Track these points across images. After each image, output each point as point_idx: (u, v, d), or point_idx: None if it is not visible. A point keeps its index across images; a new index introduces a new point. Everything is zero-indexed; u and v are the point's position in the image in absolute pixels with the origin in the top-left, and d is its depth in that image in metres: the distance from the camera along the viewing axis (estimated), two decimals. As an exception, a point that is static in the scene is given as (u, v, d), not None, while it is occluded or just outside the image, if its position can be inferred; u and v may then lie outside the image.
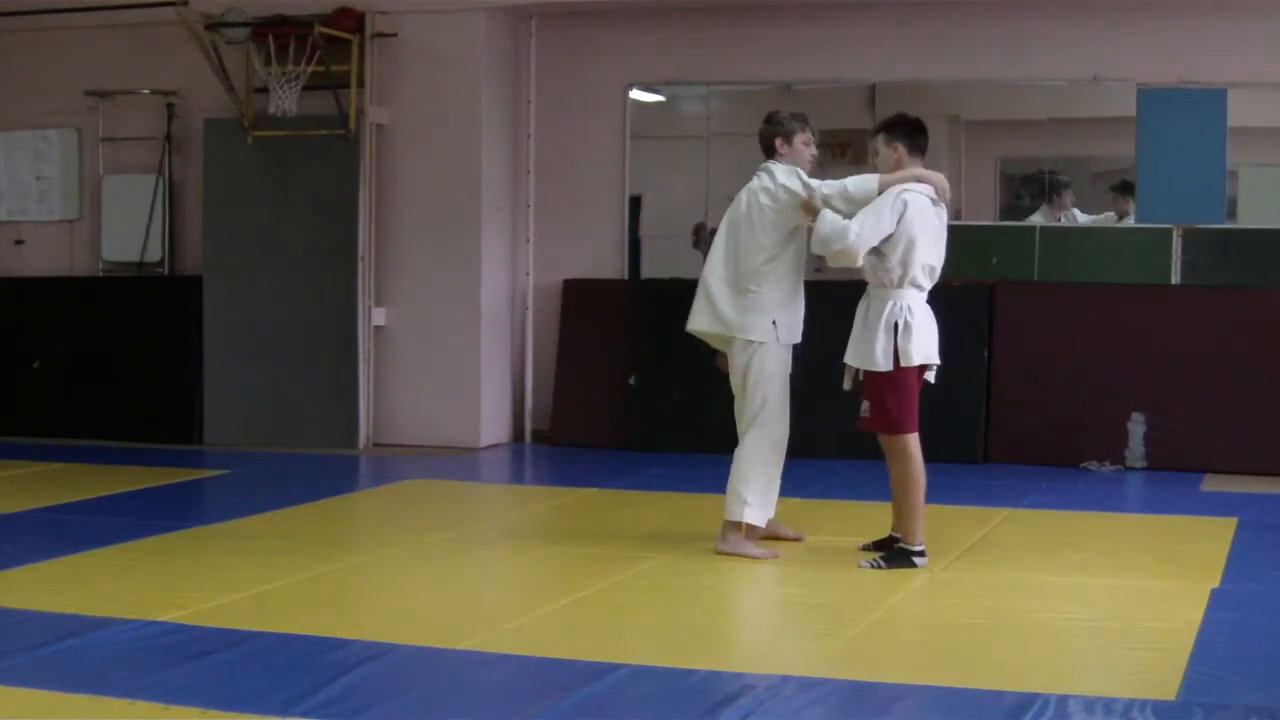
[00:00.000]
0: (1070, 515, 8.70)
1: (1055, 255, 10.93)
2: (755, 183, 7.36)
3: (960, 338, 10.65)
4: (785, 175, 7.26)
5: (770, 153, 7.40)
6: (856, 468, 9.91)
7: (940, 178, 7.21)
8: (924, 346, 7.06)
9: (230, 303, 11.54)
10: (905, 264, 7.02)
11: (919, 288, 7.11)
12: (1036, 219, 11.07)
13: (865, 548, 7.38)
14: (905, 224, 7.00)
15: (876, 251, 7.03)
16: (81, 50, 12.17)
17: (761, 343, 7.28)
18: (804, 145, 7.39)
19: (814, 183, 7.21)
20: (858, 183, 7.15)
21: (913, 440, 7.15)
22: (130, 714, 4.81)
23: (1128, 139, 10.75)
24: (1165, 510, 9.00)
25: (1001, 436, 10.58)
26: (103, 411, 11.81)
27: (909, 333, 7.00)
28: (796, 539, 7.63)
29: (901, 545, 7.11)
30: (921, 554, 7.08)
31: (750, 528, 7.32)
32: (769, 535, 7.54)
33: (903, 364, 7.01)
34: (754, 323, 7.29)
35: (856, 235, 6.93)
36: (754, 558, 7.24)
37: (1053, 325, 10.61)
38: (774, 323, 7.26)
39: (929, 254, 7.08)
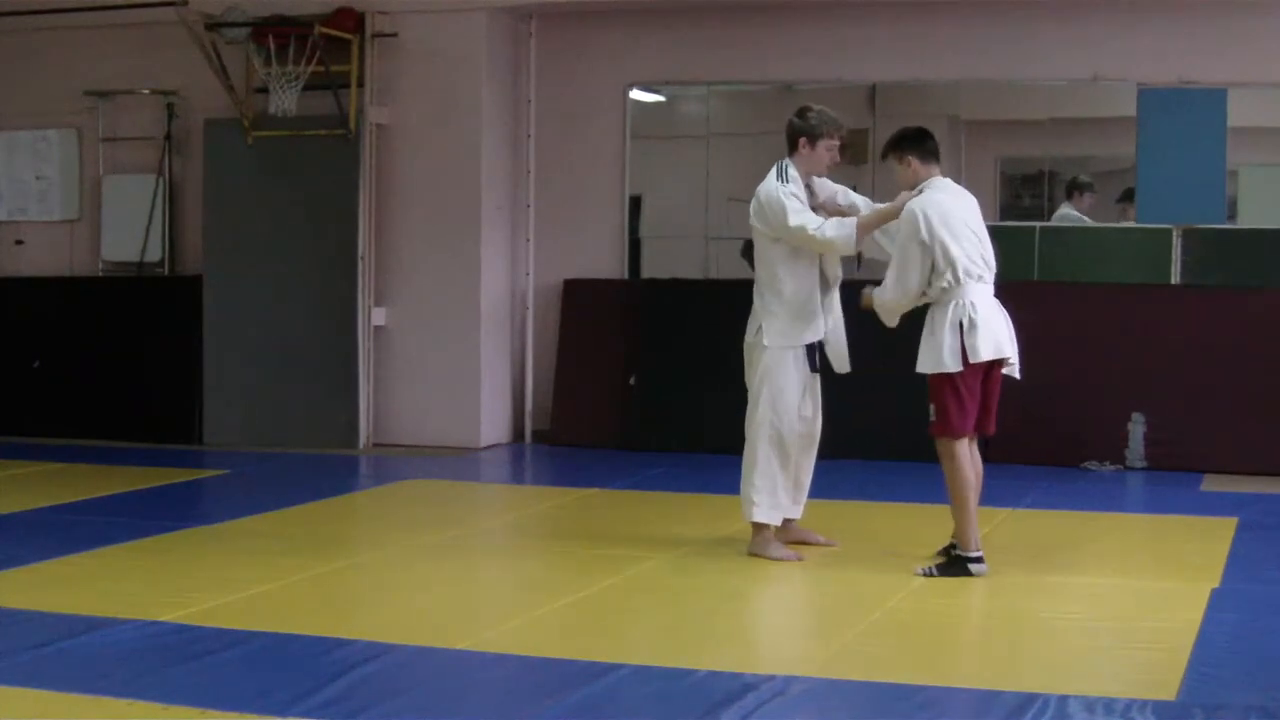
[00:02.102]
0: (1070, 515, 8.70)
1: (1055, 255, 10.93)
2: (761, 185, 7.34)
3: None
4: (769, 194, 7.22)
5: (793, 148, 7.36)
6: (860, 468, 9.94)
7: (899, 201, 7.19)
8: (992, 340, 6.95)
9: (230, 303, 11.54)
10: (950, 263, 6.94)
11: (979, 279, 7.03)
12: (1067, 210, 11.05)
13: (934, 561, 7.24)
14: (932, 233, 6.95)
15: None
16: (81, 50, 12.18)
17: (749, 342, 7.36)
18: (825, 151, 7.33)
19: (794, 215, 7.14)
20: (835, 227, 7.14)
21: (960, 446, 7.04)
22: (130, 714, 4.81)
23: (1128, 139, 10.75)
24: (1165, 510, 9.00)
25: (1001, 436, 10.54)
26: (103, 411, 11.81)
27: (974, 329, 6.90)
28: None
29: (958, 553, 6.98)
30: (979, 560, 6.93)
31: (769, 527, 7.34)
32: (798, 540, 7.54)
33: (971, 360, 6.89)
34: (751, 323, 7.40)
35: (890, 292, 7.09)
36: (776, 559, 7.25)
37: (1053, 325, 10.59)
38: (760, 328, 7.32)
39: (968, 246, 7.02)
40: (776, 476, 7.30)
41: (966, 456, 7.05)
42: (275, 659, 5.45)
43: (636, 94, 11.75)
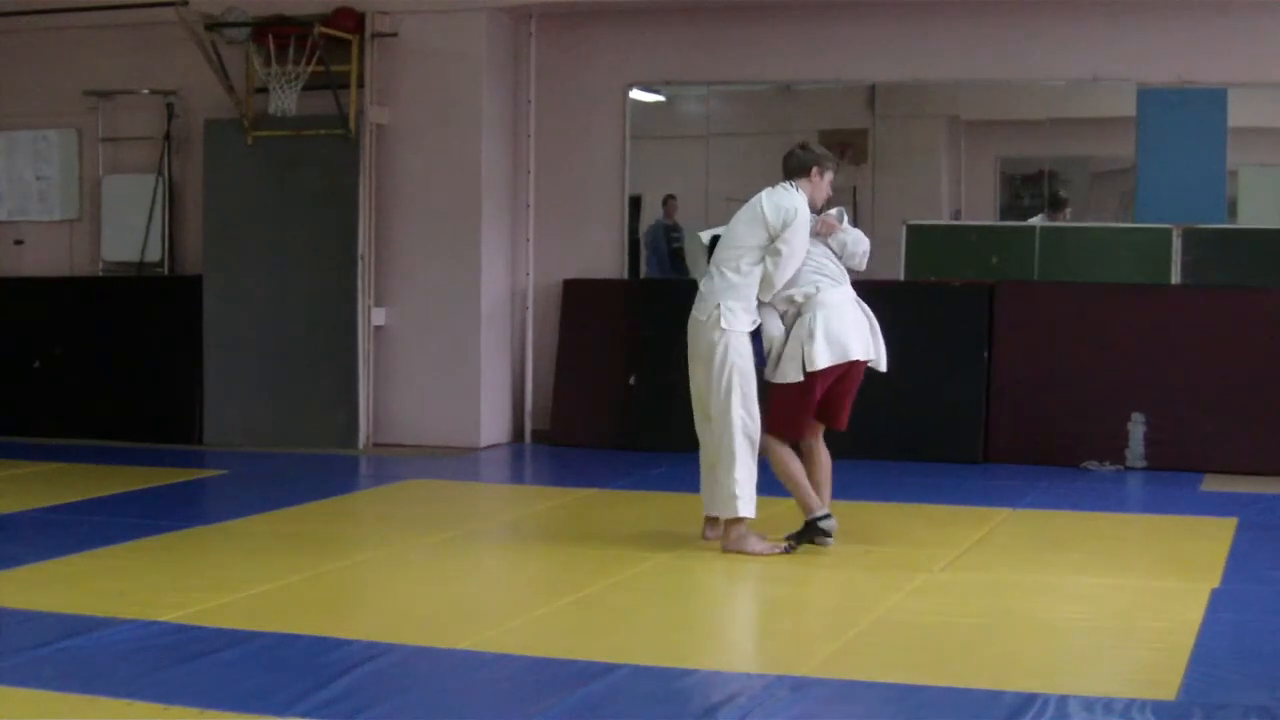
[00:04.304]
0: (1070, 515, 8.70)
1: (1055, 255, 10.93)
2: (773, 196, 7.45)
3: (960, 338, 10.70)
4: (802, 211, 7.37)
5: (802, 175, 7.48)
6: (860, 467, 9.93)
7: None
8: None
9: (230, 303, 11.54)
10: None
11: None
12: (1043, 221, 11.12)
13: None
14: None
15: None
16: (81, 50, 12.18)
17: (701, 321, 7.42)
18: (828, 183, 7.58)
19: (799, 240, 7.36)
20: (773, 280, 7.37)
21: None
22: (130, 714, 4.81)
23: (1128, 139, 10.76)
24: (1165, 510, 9.00)
25: (1001, 436, 10.58)
26: (103, 411, 11.80)
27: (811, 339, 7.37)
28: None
29: (809, 518, 7.40)
30: (827, 517, 7.38)
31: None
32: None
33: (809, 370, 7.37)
34: (704, 305, 7.51)
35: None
36: (761, 554, 7.27)
37: (1053, 325, 10.61)
38: (718, 308, 7.42)
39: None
40: (753, 469, 7.37)
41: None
42: (275, 659, 5.44)
43: (636, 94, 11.76)
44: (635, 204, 11.83)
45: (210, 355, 11.60)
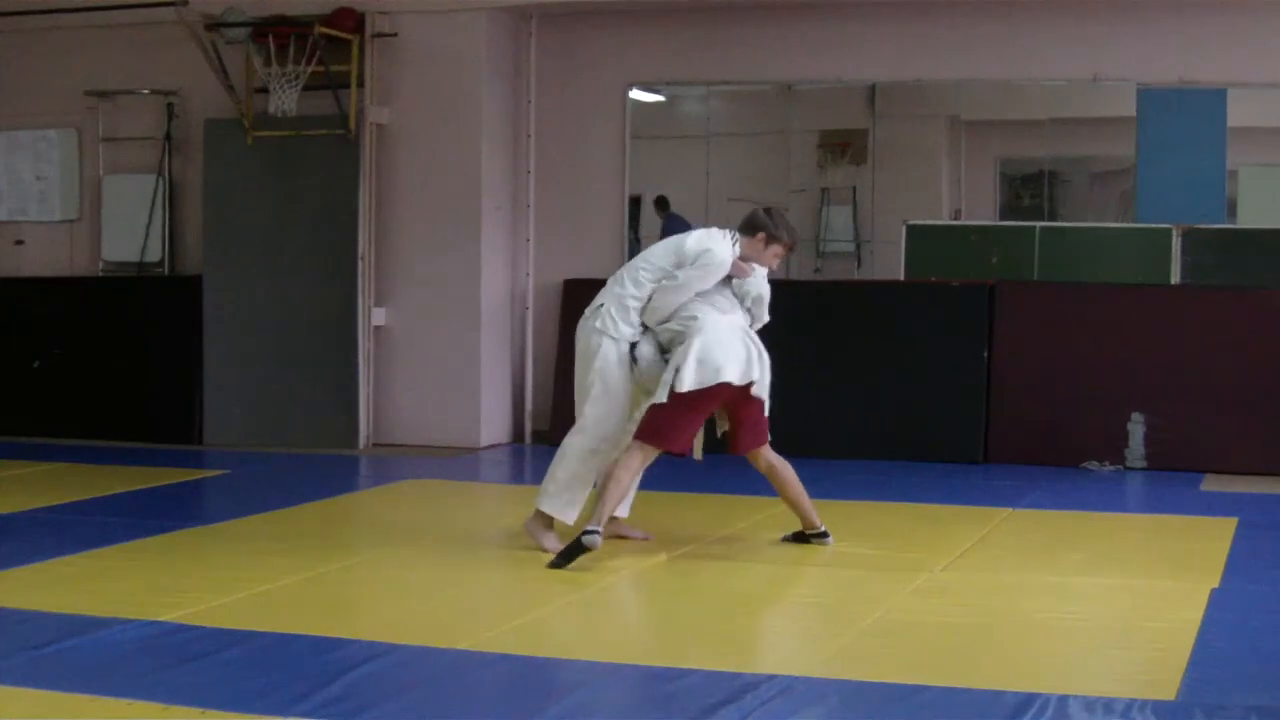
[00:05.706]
0: (1070, 515, 8.70)
1: (1055, 255, 10.94)
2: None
3: (960, 338, 10.70)
4: (722, 255, 7.30)
5: (750, 234, 7.38)
6: (859, 468, 9.93)
7: None
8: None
9: (230, 303, 11.54)
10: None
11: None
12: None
13: (786, 539, 7.57)
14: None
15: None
16: (81, 50, 12.18)
17: (595, 327, 7.48)
18: (773, 255, 7.43)
19: (695, 282, 7.28)
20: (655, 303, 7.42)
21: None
22: (130, 714, 4.81)
23: (1128, 139, 10.76)
24: (1165, 510, 9.00)
25: (1001, 436, 10.58)
26: (103, 411, 11.81)
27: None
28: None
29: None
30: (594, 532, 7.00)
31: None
32: (615, 534, 7.62)
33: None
34: (597, 311, 7.58)
35: None
36: (547, 550, 7.31)
37: (1053, 325, 10.62)
38: (602, 311, 7.50)
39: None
40: (584, 479, 7.47)
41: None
42: (275, 659, 5.44)
43: (636, 94, 11.76)
44: (635, 204, 11.84)
45: (210, 355, 11.61)
